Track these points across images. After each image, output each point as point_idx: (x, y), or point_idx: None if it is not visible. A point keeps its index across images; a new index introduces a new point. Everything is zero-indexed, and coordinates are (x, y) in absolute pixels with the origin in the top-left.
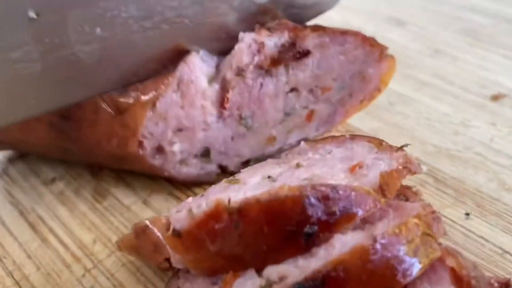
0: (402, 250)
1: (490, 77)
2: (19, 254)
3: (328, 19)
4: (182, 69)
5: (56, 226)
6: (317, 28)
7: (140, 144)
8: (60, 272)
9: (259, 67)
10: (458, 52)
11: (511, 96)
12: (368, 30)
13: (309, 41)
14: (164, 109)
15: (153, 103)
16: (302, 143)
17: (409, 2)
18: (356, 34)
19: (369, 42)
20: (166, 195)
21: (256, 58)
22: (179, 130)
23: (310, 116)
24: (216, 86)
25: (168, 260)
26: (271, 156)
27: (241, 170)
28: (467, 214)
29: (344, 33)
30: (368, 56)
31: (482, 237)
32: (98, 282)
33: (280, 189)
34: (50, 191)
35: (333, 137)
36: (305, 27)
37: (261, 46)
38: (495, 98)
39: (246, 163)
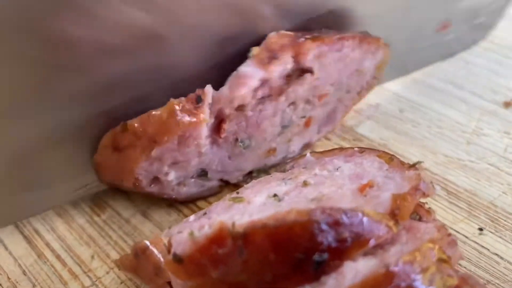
0: (417, 279)
1: (502, 83)
2: (14, 269)
3: None
4: None
5: (53, 240)
6: (316, 38)
7: (136, 180)
8: None
9: (261, 98)
10: (470, 56)
11: None
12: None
13: (310, 55)
14: (159, 154)
15: (148, 151)
16: (308, 155)
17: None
18: (353, 37)
19: (366, 41)
20: (166, 207)
21: (260, 93)
22: (174, 163)
23: (308, 122)
24: (212, 120)
25: (169, 283)
26: (275, 165)
27: (245, 185)
28: (481, 229)
29: (341, 38)
30: (365, 54)
31: (496, 254)
32: None
33: (287, 214)
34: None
35: (341, 149)
36: (305, 38)
37: (266, 81)
38: (508, 105)
39: (248, 174)
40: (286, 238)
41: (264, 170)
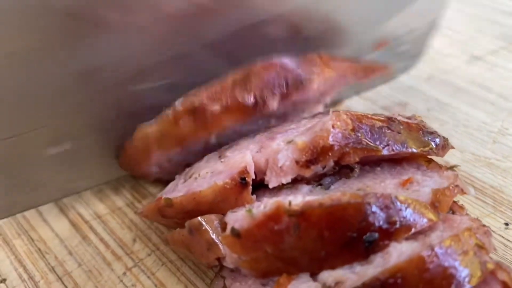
0: (458, 260)
1: None
2: (60, 250)
3: None
4: None
5: (96, 224)
6: (366, 150)
7: None
8: (101, 269)
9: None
10: (496, 58)
11: None
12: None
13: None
14: None
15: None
16: None
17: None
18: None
19: None
20: None
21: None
22: None
23: None
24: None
25: (218, 259)
26: None
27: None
28: (507, 224)
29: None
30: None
31: None
32: (140, 281)
33: (342, 195)
34: (90, 189)
35: None
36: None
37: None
38: None
39: None
40: (340, 217)
41: None
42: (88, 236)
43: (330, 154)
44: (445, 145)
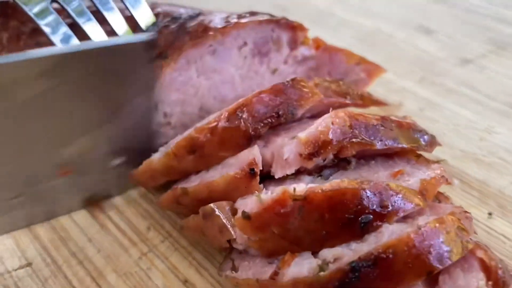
0: (441, 239)
1: None
2: (80, 237)
3: (360, 26)
4: None
5: (113, 214)
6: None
7: None
8: (118, 254)
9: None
10: (485, 62)
11: None
12: (398, 37)
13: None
14: None
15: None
16: None
17: (438, 11)
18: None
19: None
20: None
21: None
22: None
23: None
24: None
25: (229, 241)
26: None
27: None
28: (490, 214)
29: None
30: None
31: (503, 235)
32: (154, 264)
33: (341, 182)
34: None
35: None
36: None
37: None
38: None
39: None
40: (339, 201)
41: None
42: (106, 225)
43: (329, 147)
44: (433, 142)
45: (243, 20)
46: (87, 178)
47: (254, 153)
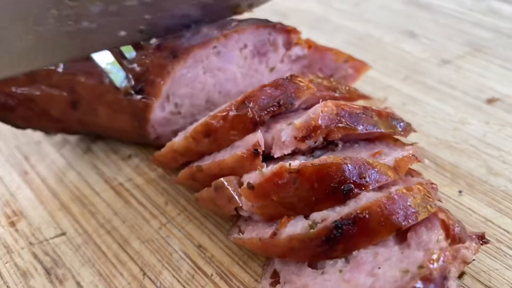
0: (409, 202)
1: (487, 84)
2: (107, 211)
3: (353, 30)
4: None
5: (136, 192)
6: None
7: None
8: (141, 225)
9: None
10: (462, 62)
11: (503, 100)
12: (386, 40)
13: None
14: None
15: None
16: None
17: (422, 16)
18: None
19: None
20: None
21: None
22: None
23: None
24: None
25: (235, 209)
26: None
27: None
28: (460, 191)
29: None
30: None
31: (470, 209)
32: (172, 233)
33: (328, 158)
34: (128, 165)
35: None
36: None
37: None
38: (490, 101)
39: None
40: (326, 173)
41: None
42: (129, 200)
43: (319, 131)
44: (408, 129)
45: (243, 25)
46: None
47: (258, 137)
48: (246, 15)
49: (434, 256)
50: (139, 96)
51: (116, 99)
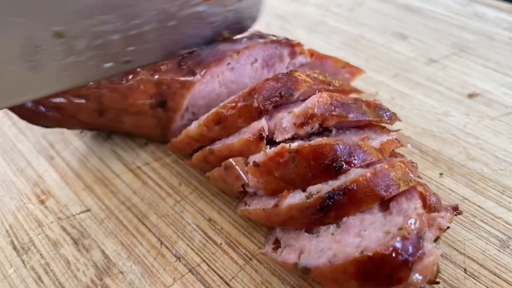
0: (391, 176)
1: (469, 81)
2: (127, 191)
3: (347, 33)
4: None
5: (153, 174)
6: (340, 117)
7: None
8: (158, 202)
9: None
10: (448, 61)
11: (483, 95)
12: (378, 41)
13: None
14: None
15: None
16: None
17: (413, 20)
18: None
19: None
20: None
21: None
22: None
23: None
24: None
25: (242, 186)
26: None
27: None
28: (441, 174)
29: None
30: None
31: (450, 189)
32: (186, 209)
33: (322, 140)
34: (144, 151)
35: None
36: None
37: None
38: (471, 96)
39: None
40: (321, 152)
41: None
42: (146, 181)
43: (315, 118)
44: (393, 118)
45: (253, 42)
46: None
47: (262, 123)
48: (253, 29)
49: (412, 220)
50: (162, 110)
51: (140, 113)
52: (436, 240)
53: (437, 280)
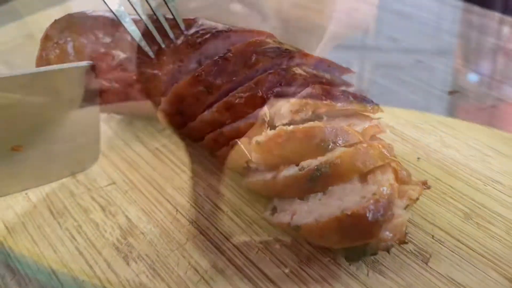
0: (370, 153)
1: (451, 80)
2: (147, 167)
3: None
4: None
5: (169, 154)
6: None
7: None
8: (173, 177)
9: None
10: (433, 62)
11: (461, 92)
12: (372, 44)
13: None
14: None
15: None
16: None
17: (404, 24)
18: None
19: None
20: None
21: None
22: None
23: None
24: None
25: (247, 162)
26: None
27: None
28: (418, 158)
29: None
30: None
31: (425, 171)
32: (198, 183)
33: (313, 123)
34: (162, 135)
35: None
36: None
37: None
38: (451, 93)
39: None
40: (312, 133)
41: None
42: (164, 160)
43: (308, 106)
44: (376, 108)
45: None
46: None
47: (264, 110)
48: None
49: (384, 188)
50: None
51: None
52: (406, 208)
53: (406, 241)
